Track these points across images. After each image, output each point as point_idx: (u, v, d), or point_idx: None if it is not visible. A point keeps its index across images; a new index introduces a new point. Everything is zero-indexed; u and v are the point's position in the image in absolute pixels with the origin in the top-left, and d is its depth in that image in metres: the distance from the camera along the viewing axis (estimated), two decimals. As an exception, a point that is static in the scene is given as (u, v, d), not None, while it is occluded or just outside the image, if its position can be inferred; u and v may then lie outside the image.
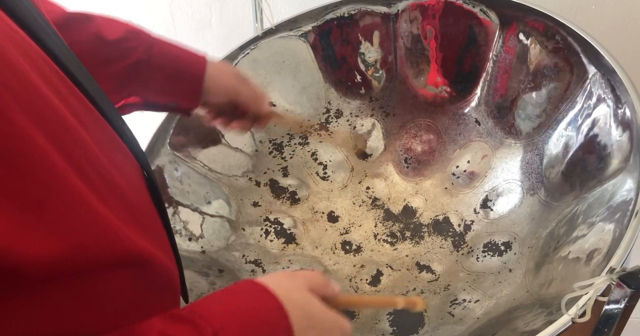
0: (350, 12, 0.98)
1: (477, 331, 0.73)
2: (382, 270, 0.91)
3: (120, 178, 0.42)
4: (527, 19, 0.85)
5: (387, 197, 1.01)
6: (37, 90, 0.33)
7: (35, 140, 0.31)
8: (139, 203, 0.46)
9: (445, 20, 0.94)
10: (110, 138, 0.45)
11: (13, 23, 0.36)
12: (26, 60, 0.34)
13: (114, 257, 0.36)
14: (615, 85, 0.73)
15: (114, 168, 0.41)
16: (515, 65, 0.89)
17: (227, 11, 1.18)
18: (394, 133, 1.03)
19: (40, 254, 0.30)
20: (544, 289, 0.70)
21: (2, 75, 0.30)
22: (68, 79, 0.40)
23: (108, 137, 0.45)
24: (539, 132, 0.87)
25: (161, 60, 0.66)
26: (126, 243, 0.38)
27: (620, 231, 0.59)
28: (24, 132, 0.30)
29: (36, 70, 0.35)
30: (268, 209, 0.98)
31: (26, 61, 0.34)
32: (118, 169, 0.42)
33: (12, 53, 0.32)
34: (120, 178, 0.42)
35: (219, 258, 0.89)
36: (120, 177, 0.42)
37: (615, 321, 0.51)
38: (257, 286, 0.45)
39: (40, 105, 0.33)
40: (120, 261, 0.37)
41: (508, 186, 0.91)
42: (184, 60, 0.69)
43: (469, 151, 0.97)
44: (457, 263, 0.88)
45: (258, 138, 1.00)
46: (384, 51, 1.00)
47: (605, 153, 0.72)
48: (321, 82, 1.02)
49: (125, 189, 0.42)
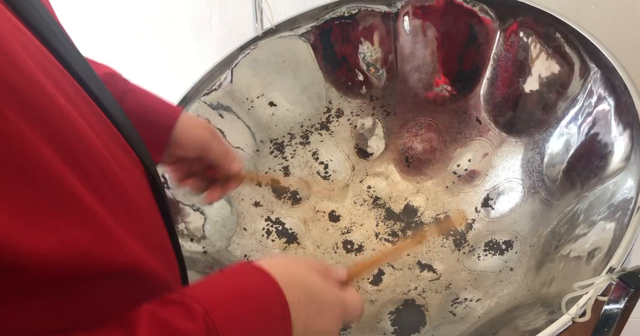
0: (351, 11, 0.98)
1: (479, 330, 0.73)
2: (384, 269, 0.91)
3: (124, 177, 0.42)
4: (527, 18, 0.85)
5: (388, 196, 1.01)
6: (42, 89, 0.34)
7: (30, 140, 0.31)
8: (142, 203, 0.46)
9: (445, 19, 0.94)
10: (115, 138, 0.46)
11: (19, 23, 0.37)
12: (33, 60, 0.34)
13: (109, 260, 0.36)
14: (615, 84, 0.73)
15: (118, 168, 0.41)
16: (516, 63, 0.89)
17: (227, 11, 1.18)
18: (395, 132, 1.03)
19: (35, 252, 0.30)
20: (545, 288, 0.70)
21: (7, 74, 0.30)
22: (74, 80, 0.41)
23: (113, 138, 0.45)
24: (540, 130, 0.86)
25: (132, 108, 0.62)
26: (121, 247, 0.38)
27: (621, 230, 0.60)
28: (20, 131, 0.30)
29: (43, 70, 0.35)
30: (269, 209, 0.98)
31: (33, 61, 0.34)
32: (122, 169, 0.42)
33: (18, 52, 0.32)
34: (124, 177, 0.42)
35: (220, 258, 0.89)
36: (124, 177, 0.42)
37: (615, 321, 0.51)
38: (250, 266, 0.45)
39: (44, 105, 0.33)
40: (114, 265, 0.37)
41: (509, 185, 0.91)
42: (155, 110, 0.65)
43: (470, 150, 0.97)
44: (458, 262, 0.88)
45: (259, 138, 1.00)
46: (385, 50, 1.00)
47: (605, 151, 0.72)
48: (322, 82, 1.02)
49: (129, 189, 0.42)
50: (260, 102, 1.00)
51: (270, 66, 1.00)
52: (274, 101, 1.01)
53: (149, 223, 0.46)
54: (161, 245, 0.49)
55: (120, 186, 0.41)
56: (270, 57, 1.00)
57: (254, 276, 0.44)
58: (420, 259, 0.91)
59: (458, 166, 0.98)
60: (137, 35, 1.23)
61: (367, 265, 0.62)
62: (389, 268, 0.91)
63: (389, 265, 0.92)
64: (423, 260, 0.91)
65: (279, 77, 1.01)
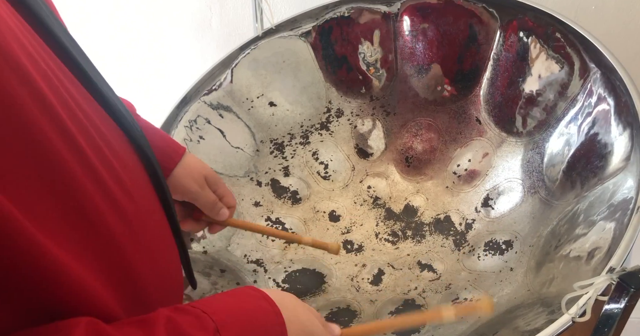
0: (351, 11, 0.98)
1: (479, 330, 0.73)
2: (384, 269, 0.91)
3: (124, 174, 0.43)
4: (527, 18, 0.85)
5: (388, 196, 1.01)
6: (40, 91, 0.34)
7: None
8: (143, 201, 0.46)
9: (445, 19, 0.94)
10: (118, 135, 0.46)
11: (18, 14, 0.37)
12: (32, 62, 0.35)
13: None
14: (615, 84, 0.73)
15: (119, 165, 0.42)
16: (516, 63, 0.89)
17: (227, 11, 1.18)
18: (395, 133, 1.03)
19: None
20: (545, 288, 0.70)
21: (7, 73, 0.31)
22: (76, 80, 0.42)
23: (115, 133, 0.45)
24: (540, 130, 0.86)
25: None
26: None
27: (621, 230, 0.60)
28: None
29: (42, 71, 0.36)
30: (269, 209, 0.98)
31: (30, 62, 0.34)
32: (122, 165, 0.43)
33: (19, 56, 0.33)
34: (124, 174, 0.43)
35: (220, 258, 0.89)
36: (124, 174, 0.43)
37: (615, 321, 0.51)
38: (258, 292, 0.47)
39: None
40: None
41: (509, 185, 0.91)
42: (158, 148, 0.64)
43: (470, 150, 0.97)
44: (458, 262, 0.88)
45: (259, 138, 1.00)
46: (385, 50, 1.00)
47: (605, 151, 0.72)
48: (322, 82, 1.02)
49: (128, 184, 0.43)
50: (260, 102, 1.00)
51: (270, 66, 1.00)
52: (274, 101, 1.01)
53: (149, 220, 0.46)
54: (163, 241, 0.49)
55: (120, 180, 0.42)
56: (270, 57, 1.00)
57: (261, 302, 0.46)
58: (420, 259, 0.91)
59: (458, 166, 0.98)
60: (137, 35, 1.23)
61: (361, 330, 0.63)
62: (389, 268, 0.91)
63: (389, 265, 0.92)
64: (423, 260, 0.91)
65: (279, 77, 1.01)
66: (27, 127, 0.32)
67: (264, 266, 0.91)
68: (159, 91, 1.30)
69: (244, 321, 0.43)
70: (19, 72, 0.32)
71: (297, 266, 0.92)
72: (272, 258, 0.93)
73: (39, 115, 0.33)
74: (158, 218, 0.49)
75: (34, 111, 0.32)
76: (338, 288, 0.89)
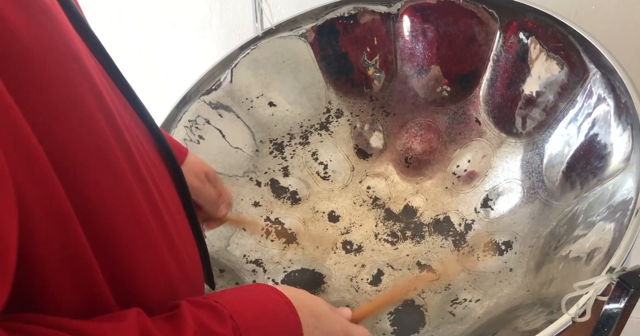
0: (350, 11, 0.98)
1: (478, 331, 0.73)
2: (383, 270, 0.91)
3: (156, 175, 0.45)
4: (527, 18, 0.85)
5: (387, 196, 1.01)
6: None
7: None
8: (172, 200, 0.48)
9: (445, 20, 0.94)
10: (146, 136, 0.47)
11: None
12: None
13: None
14: (615, 85, 0.73)
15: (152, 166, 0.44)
16: (516, 64, 0.89)
17: (227, 11, 1.18)
18: (395, 133, 1.03)
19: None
20: (545, 288, 0.70)
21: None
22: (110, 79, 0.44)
23: (144, 134, 0.47)
24: (540, 131, 0.87)
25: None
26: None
27: (620, 230, 0.60)
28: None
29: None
30: (269, 209, 0.98)
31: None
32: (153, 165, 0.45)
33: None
34: (156, 175, 0.45)
35: (219, 258, 0.89)
36: (156, 175, 0.44)
37: (615, 321, 0.51)
38: (266, 286, 0.48)
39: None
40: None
41: (508, 185, 0.91)
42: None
43: (469, 150, 0.97)
44: (457, 262, 0.88)
45: (259, 138, 1.00)
46: (384, 51, 1.00)
47: (605, 152, 0.72)
48: (321, 82, 1.02)
49: (160, 184, 0.45)
50: (259, 102, 1.00)
51: (270, 66, 1.00)
52: (274, 101, 1.01)
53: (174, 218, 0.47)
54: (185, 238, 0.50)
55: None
56: (270, 57, 1.00)
57: (271, 294, 0.47)
58: (419, 259, 0.91)
59: (457, 167, 0.98)
60: (136, 35, 1.23)
61: (371, 308, 0.64)
62: (389, 268, 0.91)
63: (388, 266, 0.92)
64: (422, 261, 0.91)
65: (279, 77, 1.01)
66: (93, 127, 0.34)
67: (263, 267, 0.91)
68: (159, 91, 1.30)
69: (257, 311, 0.44)
70: (83, 70, 0.35)
71: (297, 267, 0.92)
72: (271, 258, 0.93)
73: (100, 116, 0.35)
74: (182, 218, 0.50)
75: (96, 110, 0.35)
76: (337, 289, 0.89)
